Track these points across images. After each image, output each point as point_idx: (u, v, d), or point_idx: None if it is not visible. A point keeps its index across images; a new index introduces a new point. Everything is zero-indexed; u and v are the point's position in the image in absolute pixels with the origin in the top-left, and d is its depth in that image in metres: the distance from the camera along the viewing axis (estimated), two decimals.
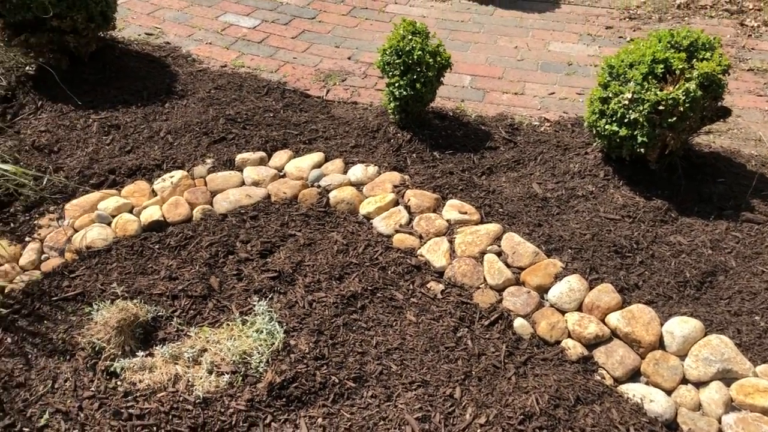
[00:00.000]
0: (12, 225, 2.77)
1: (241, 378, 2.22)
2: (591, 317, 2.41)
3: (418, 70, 3.10)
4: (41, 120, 3.39)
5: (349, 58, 4.10)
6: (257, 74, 3.89)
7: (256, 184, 3.00)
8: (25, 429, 2.11)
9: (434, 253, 2.65)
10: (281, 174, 3.08)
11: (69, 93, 3.53)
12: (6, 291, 2.52)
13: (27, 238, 2.72)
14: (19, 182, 2.89)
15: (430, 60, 3.10)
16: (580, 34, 4.46)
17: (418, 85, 3.10)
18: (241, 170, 3.08)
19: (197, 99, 3.58)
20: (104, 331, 2.28)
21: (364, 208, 2.86)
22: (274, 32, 4.36)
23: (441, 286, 2.57)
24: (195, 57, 4.04)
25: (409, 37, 3.12)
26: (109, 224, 2.78)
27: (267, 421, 2.11)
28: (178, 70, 3.87)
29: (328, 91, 3.77)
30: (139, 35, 4.24)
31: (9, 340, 2.36)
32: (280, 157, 3.15)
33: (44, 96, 3.55)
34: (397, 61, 3.11)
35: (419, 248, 2.70)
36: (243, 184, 3.02)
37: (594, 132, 3.04)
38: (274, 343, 2.29)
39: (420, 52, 3.08)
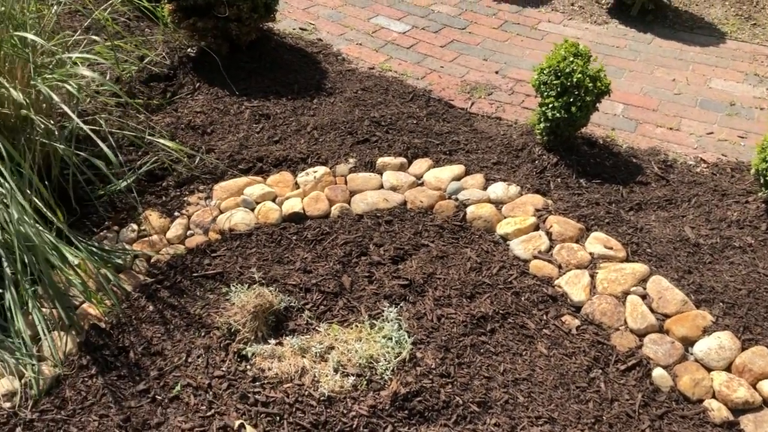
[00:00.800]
0: (163, 198, 2.90)
1: (365, 382, 2.20)
2: (741, 380, 2.22)
3: (576, 93, 2.99)
4: (197, 101, 3.55)
5: (496, 72, 4.03)
6: (403, 79, 3.90)
7: (394, 189, 3.00)
8: (158, 396, 2.19)
9: (573, 285, 2.54)
10: (419, 182, 3.06)
11: (226, 79, 3.67)
12: (152, 261, 2.64)
13: (176, 213, 2.84)
14: (174, 158, 3.03)
15: (590, 84, 2.98)
16: (746, 73, 4.17)
17: (573, 109, 2.99)
18: (380, 173, 3.08)
19: (344, 98, 3.63)
20: (241, 314, 2.33)
21: (502, 228, 2.79)
22: (423, 39, 4.36)
23: (577, 322, 2.45)
24: (345, 56, 4.11)
25: (570, 58, 3.02)
26: (252, 210, 2.86)
27: (387, 430, 2.09)
28: (328, 67, 3.95)
29: (472, 104, 3.72)
30: (294, 29, 4.36)
31: (151, 308, 2.47)
32: (420, 165, 3.13)
33: (202, 78, 3.72)
34: (555, 81, 3.02)
35: (557, 278, 2.59)
36: (381, 187, 3.02)
37: (762, 181, 2.82)
38: (401, 353, 2.26)
39: (580, 75, 2.97)
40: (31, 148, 2.55)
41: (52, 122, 2.64)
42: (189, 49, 3.91)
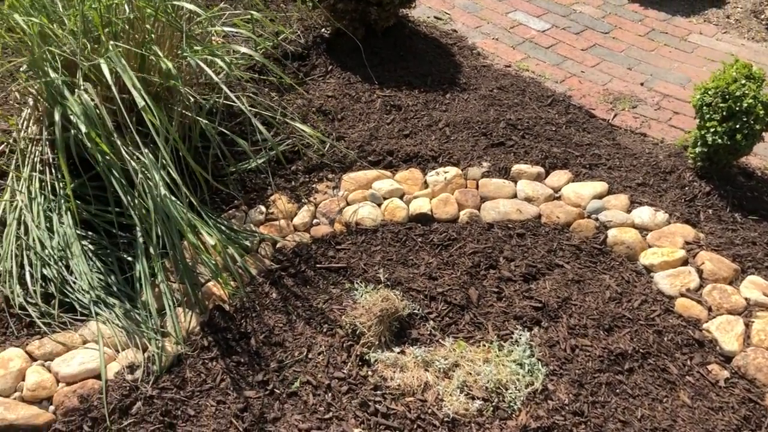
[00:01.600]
0: (293, 183, 2.84)
1: (492, 408, 2.07)
2: None
3: (744, 120, 2.71)
4: (329, 85, 3.48)
5: (641, 84, 3.76)
6: (541, 81, 3.70)
7: (528, 200, 2.83)
8: (276, 390, 2.14)
9: (724, 332, 2.31)
10: (556, 195, 2.87)
11: (361, 65, 3.58)
12: (278, 246, 2.59)
13: (303, 200, 2.78)
14: (306, 143, 2.97)
15: (761, 112, 2.70)
16: None
17: (738, 136, 2.72)
18: (515, 181, 2.92)
19: (479, 96, 3.47)
20: (367, 316, 2.24)
21: (647, 258, 2.57)
22: (563, 40, 4.13)
23: (726, 374, 2.22)
24: (480, 51, 3.94)
25: (742, 81, 2.74)
26: (379, 205, 2.77)
27: None
28: (463, 61, 3.79)
29: (615, 115, 3.48)
30: (428, 17, 4.22)
31: (274, 295, 2.42)
32: (558, 177, 2.94)
33: (335, 62, 3.64)
34: (722, 104, 2.75)
35: (706, 322, 2.36)
36: (515, 196, 2.86)
37: None
38: (533, 383, 2.11)
39: (751, 101, 2.69)
40: (172, 120, 2.53)
41: (198, 95, 2.62)
42: (323, 29, 3.84)
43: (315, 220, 2.72)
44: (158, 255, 2.35)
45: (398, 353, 2.21)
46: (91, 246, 2.45)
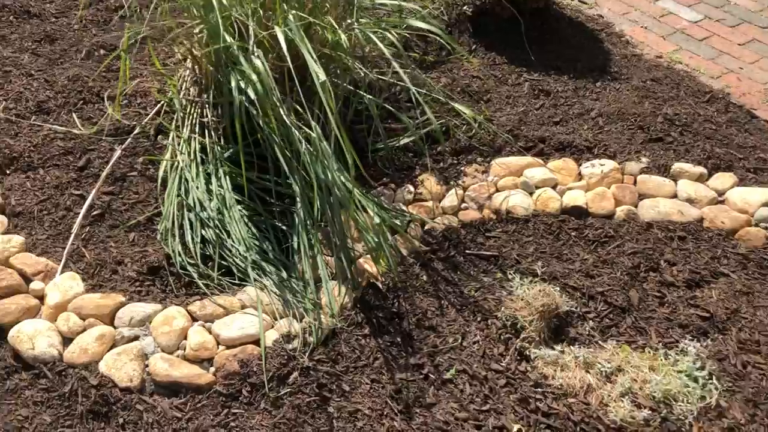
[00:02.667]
0: (441, 165, 2.78)
1: (659, 420, 1.96)
2: None
3: None
4: (473, 64, 3.38)
5: None
6: (696, 76, 3.48)
7: (690, 201, 2.67)
8: (431, 375, 2.10)
9: None
10: (720, 199, 2.69)
11: (506, 44, 3.47)
12: (426, 228, 2.54)
13: (452, 182, 2.71)
14: (455, 123, 2.89)
15: None
16: None
17: None
18: (675, 180, 2.75)
19: (631, 87, 3.29)
20: (527, 310, 2.16)
21: None
22: (717, 32, 3.87)
23: None
24: (629, 39, 3.75)
25: None
26: (530, 194, 2.67)
27: None
28: (611, 48, 3.62)
29: None
30: (572, 1, 4.04)
31: (425, 278, 2.37)
32: (722, 179, 2.75)
33: (479, 41, 3.54)
34: None
35: None
36: (675, 196, 2.70)
37: None
38: (705, 398, 1.99)
39: None
40: (336, 94, 2.50)
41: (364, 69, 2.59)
42: (464, 7, 3.73)
43: (463, 204, 2.65)
44: (316, 227, 2.34)
45: (558, 352, 2.12)
46: (245, 212, 2.47)
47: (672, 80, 3.38)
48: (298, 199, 2.36)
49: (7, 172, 2.65)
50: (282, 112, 2.31)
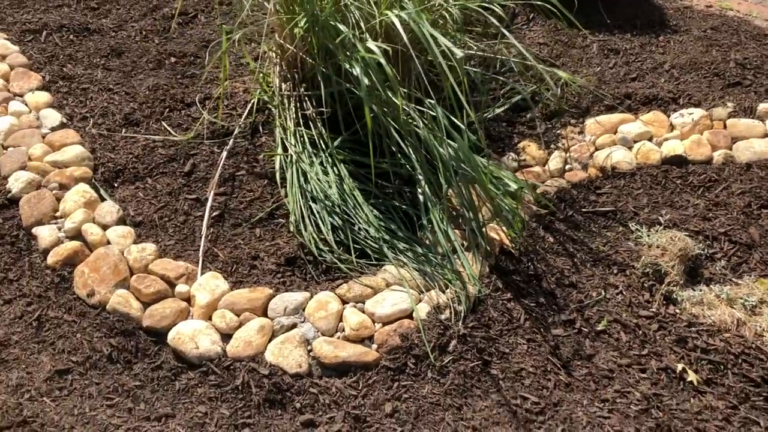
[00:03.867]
0: (537, 130, 2.85)
1: None
2: None
3: None
4: (536, 32, 3.45)
5: None
6: (749, 20, 3.57)
7: None
8: (584, 329, 2.17)
9: None
10: None
11: (562, 9, 3.52)
12: (538, 191, 2.61)
13: (552, 146, 2.78)
14: (537, 88, 2.96)
15: None
16: None
17: None
18: (762, 120, 2.83)
19: (693, 37, 3.37)
20: (668, 256, 2.24)
21: None
22: None
23: None
24: None
25: None
26: (629, 149, 2.74)
27: None
28: (662, 3, 3.69)
29: None
30: None
31: (551, 239, 2.45)
32: None
33: (534, 9, 3.60)
34: None
35: None
36: (766, 136, 2.78)
37: None
38: None
39: None
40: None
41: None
42: None
43: (568, 166, 2.72)
44: (440, 201, 2.41)
45: (699, 292, 2.20)
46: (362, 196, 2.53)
47: (729, 27, 3.46)
48: (420, 177, 2.42)
49: (115, 185, 2.69)
50: (400, 96, 2.36)
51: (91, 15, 3.70)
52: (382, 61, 2.18)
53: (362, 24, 2.35)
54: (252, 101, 2.92)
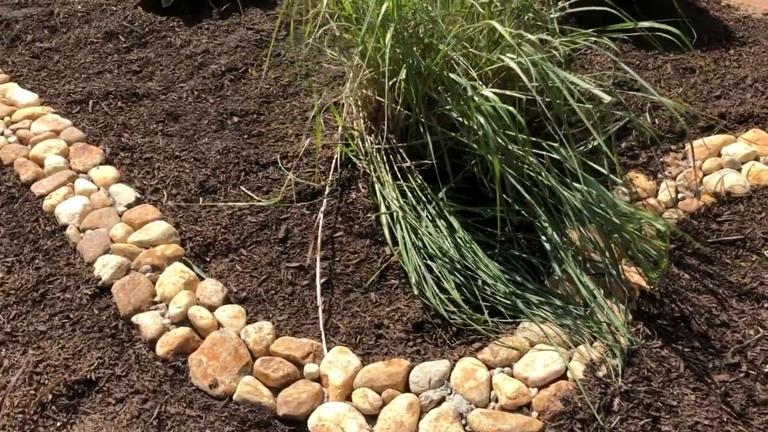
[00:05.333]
0: (640, 160, 2.74)
1: None
2: None
3: None
4: (602, 56, 3.35)
5: None
6: None
7: None
8: (751, 371, 2.04)
9: None
10: None
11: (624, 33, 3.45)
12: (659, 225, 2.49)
13: (659, 175, 2.67)
14: (635, 116, 2.86)
15: None
16: None
17: None
18: None
19: (765, 48, 3.31)
20: None
21: None
22: None
23: None
24: (728, 3, 3.76)
25: None
26: (738, 170, 2.64)
27: None
28: (719, 15, 3.63)
29: None
30: None
31: (686, 276, 2.32)
32: None
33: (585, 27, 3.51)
34: None
35: None
36: None
37: None
38: None
39: None
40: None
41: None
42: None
43: (680, 195, 2.61)
44: (565, 249, 2.28)
45: None
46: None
47: None
48: (546, 224, 2.29)
49: (207, 259, 2.54)
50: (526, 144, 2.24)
51: (136, 79, 3.56)
52: (512, 109, 2.06)
53: (471, 71, 2.23)
54: (335, 157, 2.78)
